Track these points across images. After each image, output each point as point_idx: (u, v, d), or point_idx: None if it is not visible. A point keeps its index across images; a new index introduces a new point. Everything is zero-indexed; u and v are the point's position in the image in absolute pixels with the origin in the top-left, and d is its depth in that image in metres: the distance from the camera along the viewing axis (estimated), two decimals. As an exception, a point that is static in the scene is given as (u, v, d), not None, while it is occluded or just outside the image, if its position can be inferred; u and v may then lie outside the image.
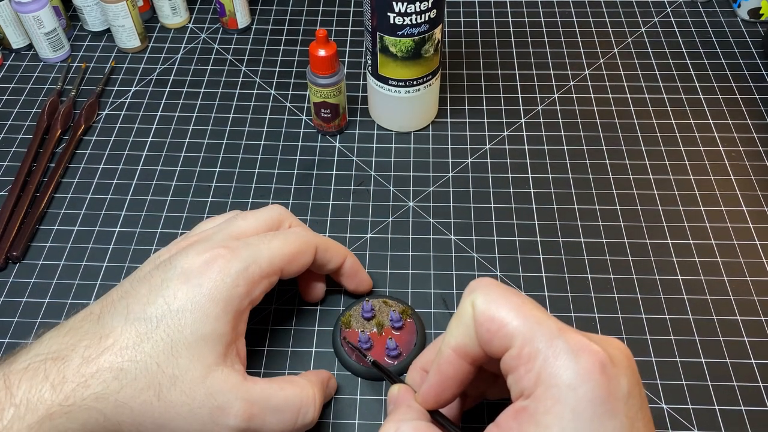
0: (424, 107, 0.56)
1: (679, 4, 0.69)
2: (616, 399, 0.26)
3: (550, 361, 0.27)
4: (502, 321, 0.28)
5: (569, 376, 0.26)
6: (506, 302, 0.29)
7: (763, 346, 0.44)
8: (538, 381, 0.27)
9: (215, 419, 0.33)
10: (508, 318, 0.28)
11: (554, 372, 0.26)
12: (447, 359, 0.31)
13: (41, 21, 0.61)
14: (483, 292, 0.30)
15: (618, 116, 0.59)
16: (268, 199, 0.53)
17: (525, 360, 0.27)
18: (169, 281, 0.35)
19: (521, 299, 0.29)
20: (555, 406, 0.26)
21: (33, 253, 0.50)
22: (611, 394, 0.26)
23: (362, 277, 0.45)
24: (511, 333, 0.28)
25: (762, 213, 0.51)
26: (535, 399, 0.27)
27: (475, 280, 0.31)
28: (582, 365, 0.26)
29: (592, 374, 0.26)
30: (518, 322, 0.28)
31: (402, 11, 0.47)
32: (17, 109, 0.60)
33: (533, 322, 0.28)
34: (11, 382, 0.31)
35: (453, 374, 0.31)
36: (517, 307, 0.29)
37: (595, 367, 0.26)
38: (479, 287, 0.30)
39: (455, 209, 0.52)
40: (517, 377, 0.28)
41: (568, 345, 0.27)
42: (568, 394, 0.26)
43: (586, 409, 0.26)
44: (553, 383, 0.26)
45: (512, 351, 0.28)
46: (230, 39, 0.67)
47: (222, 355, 0.34)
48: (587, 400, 0.26)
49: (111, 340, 0.33)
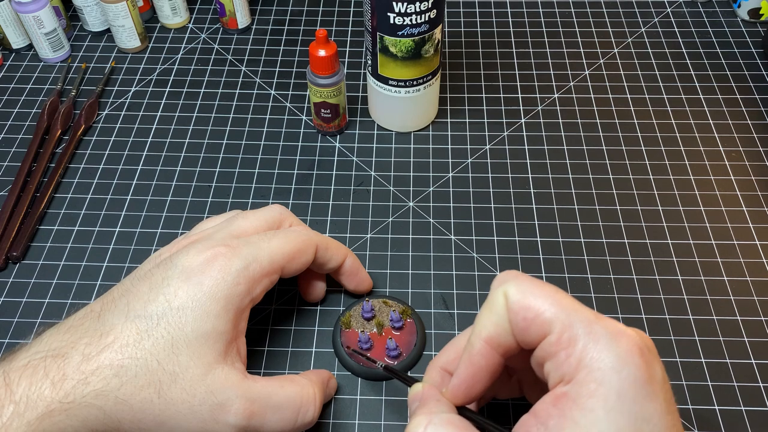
0: (424, 107, 0.56)
1: (679, 4, 0.69)
2: (655, 382, 0.27)
3: (590, 346, 0.27)
4: (539, 309, 0.29)
5: (612, 359, 0.26)
6: (540, 291, 0.29)
7: (763, 346, 0.44)
8: (579, 365, 0.27)
9: (215, 417, 0.33)
10: (544, 306, 0.29)
11: (596, 356, 0.27)
12: (479, 351, 0.30)
13: (41, 21, 0.61)
14: (515, 283, 0.30)
15: (618, 116, 0.59)
16: (268, 199, 0.53)
17: (565, 345, 0.28)
18: (170, 279, 0.35)
19: (553, 288, 0.30)
20: (599, 389, 0.26)
21: (33, 253, 0.50)
22: (651, 377, 0.27)
23: (362, 276, 0.45)
24: (549, 320, 0.28)
25: (762, 213, 0.51)
26: (577, 383, 0.27)
27: (503, 272, 0.31)
28: (623, 348, 0.27)
29: (633, 357, 0.27)
30: (555, 310, 0.28)
31: (402, 11, 0.47)
32: (17, 109, 0.60)
33: (570, 309, 0.28)
34: (11, 379, 0.31)
35: (485, 366, 0.31)
36: (552, 296, 0.29)
37: (635, 351, 0.27)
38: (510, 278, 0.30)
39: (455, 209, 0.52)
40: (556, 363, 0.28)
41: (606, 330, 0.27)
42: (612, 376, 0.26)
43: (629, 391, 0.26)
44: (596, 366, 0.27)
45: (551, 337, 0.28)
46: (230, 39, 0.67)
47: (222, 353, 0.34)
48: (630, 382, 0.26)
49: (111, 338, 0.33)
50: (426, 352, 0.44)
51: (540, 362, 0.29)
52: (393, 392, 0.42)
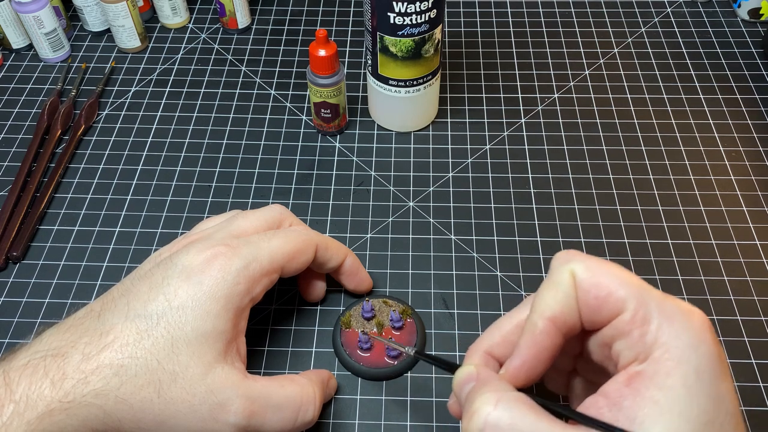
0: (424, 107, 0.56)
1: (679, 4, 0.69)
2: (724, 360, 0.27)
3: (665, 324, 0.26)
4: (611, 287, 0.28)
5: (688, 337, 0.26)
6: (610, 270, 0.28)
7: (763, 346, 0.44)
8: (655, 343, 0.26)
9: (215, 416, 0.33)
10: (616, 284, 0.28)
11: (672, 333, 0.26)
12: (543, 330, 0.29)
13: (41, 21, 0.61)
14: (582, 261, 0.29)
15: (618, 116, 0.59)
16: (268, 199, 0.53)
17: (639, 323, 0.27)
18: (170, 279, 0.35)
19: (620, 267, 0.29)
20: (678, 367, 0.26)
21: (33, 253, 0.50)
22: (721, 355, 0.26)
23: (362, 276, 0.45)
24: (623, 298, 0.27)
25: (762, 213, 0.51)
26: (654, 362, 0.26)
27: (563, 252, 0.30)
28: (696, 326, 0.26)
29: (707, 335, 0.26)
30: (628, 288, 0.28)
31: (402, 11, 0.47)
32: (17, 109, 0.60)
33: (642, 288, 0.28)
34: (11, 378, 0.31)
35: (548, 347, 0.29)
36: (622, 274, 0.28)
37: (708, 328, 0.26)
38: (575, 257, 0.29)
39: (455, 209, 0.52)
40: (630, 342, 0.27)
41: (679, 308, 0.27)
42: (690, 354, 0.26)
43: (707, 370, 0.26)
44: (674, 344, 0.26)
45: (625, 315, 0.27)
46: (230, 39, 0.67)
47: (222, 352, 0.34)
48: (707, 360, 0.26)
49: (111, 337, 0.33)
50: (426, 352, 0.44)
51: (608, 342, 0.28)
52: (393, 392, 0.42)
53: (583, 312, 0.29)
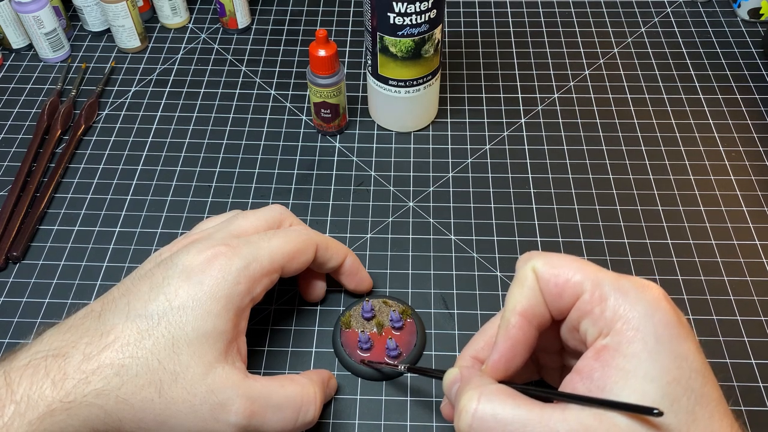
0: (424, 107, 0.56)
1: (679, 4, 0.69)
2: (684, 324, 0.29)
3: (621, 299, 0.29)
4: (568, 274, 0.31)
5: (643, 307, 0.28)
6: (565, 260, 0.31)
7: (763, 346, 0.44)
8: (615, 317, 0.29)
9: (216, 416, 0.33)
10: (572, 271, 0.31)
11: (628, 306, 0.29)
12: (515, 325, 0.32)
13: (41, 21, 0.61)
14: (540, 257, 0.32)
15: (618, 116, 0.59)
16: (268, 199, 0.53)
17: (598, 301, 0.30)
18: (171, 279, 0.35)
19: (576, 257, 0.32)
20: (637, 335, 0.28)
21: (33, 253, 0.50)
22: (680, 319, 0.29)
23: (362, 276, 0.45)
24: (580, 281, 0.30)
25: (762, 213, 0.51)
26: (616, 333, 0.29)
27: (525, 254, 0.33)
28: (650, 296, 0.29)
29: (661, 302, 0.29)
30: (583, 272, 0.31)
31: (402, 11, 0.47)
32: (17, 109, 0.60)
33: (596, 270, 0.31)
34: (12, 379, 0.31)
35: (522, 339, 0.32)
36: (576, 262, 0.31)
37: (661, 297, 0.29)
38: (534, 255, 0.32)
39: (455, 209, 0.52)
40: (593, 319, 0.30)
41: (632, 283, 0.30)
42: (647, 322, 0.28)
43: (664, 333, 0.28)
44: (631, 315, 0.28)
45: (585, 296, 0.30)
46: (230, 39, 0.67)
47: (223, 352, 0.34)
48: (663, 325, 0.28)
49: (112, 337, 0.33)
50: (426, 352, 0.44)
51: (575, 325, 0.31)
52: (393, 392, 0.42)
53: (549, 301, 0.31)
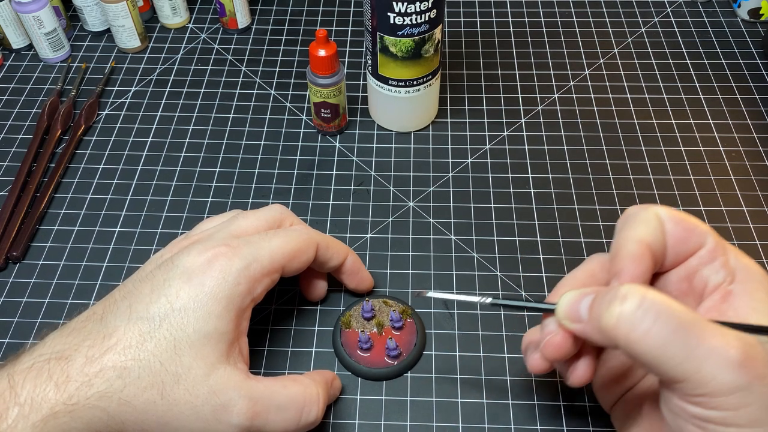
0: (424, 107, 0.56)
1: (679, 4, 0.69)
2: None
3: (740, 255, 0.32)
4: (696, 222, 0.33)
5: (757, 269, 0.32)
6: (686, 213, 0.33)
7: (763, 345, 0.44)
8: (738, 266, 0.32)
9: (218, 417, 0.33)
10: (697, 221, 0.33)
11: (748, 264, 0.32)
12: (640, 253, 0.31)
13: (41, 21, 0.61)
14: (662, 207, 0.33)
15: (618, 116, 0.59)
16: (268, 199, 0.53)
17: (722, 252, 0.32)
18: (172, 280, 0.35)
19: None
20: (761, 286, 0.31)
21: (33, 253, 0.50)
22: None
23: (363, 275, 0.45)
24: (705, 231, 0.33)
25: (762, 213, 0.51)
26: (741, 281, 0.31)
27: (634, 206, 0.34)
28: (754, 264, 0.32)
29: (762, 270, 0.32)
30: (705, 225, 0.33)
31: (402, 11, 0.47)
32: (17, 109, 0.60)
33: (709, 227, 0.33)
34: (15, 381, 0.31)
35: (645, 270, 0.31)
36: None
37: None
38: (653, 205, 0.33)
39: (455, 209, 0.52)
40: (716, 267, 0.32)
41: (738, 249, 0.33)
42: (764, 280, 0.31)
43: None
44: (752, 270, 0.32)
45: (709, 245, 0.32)
46: (230, 39, 0.67)
47: (225, 353, 0.34)
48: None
49: (114, 340, 0.33)
50: (426, 352, 0.44)
51: (691, 273, 0.33)
52: (393, 392, 0.42)
53: (671, 245, 0.33)
